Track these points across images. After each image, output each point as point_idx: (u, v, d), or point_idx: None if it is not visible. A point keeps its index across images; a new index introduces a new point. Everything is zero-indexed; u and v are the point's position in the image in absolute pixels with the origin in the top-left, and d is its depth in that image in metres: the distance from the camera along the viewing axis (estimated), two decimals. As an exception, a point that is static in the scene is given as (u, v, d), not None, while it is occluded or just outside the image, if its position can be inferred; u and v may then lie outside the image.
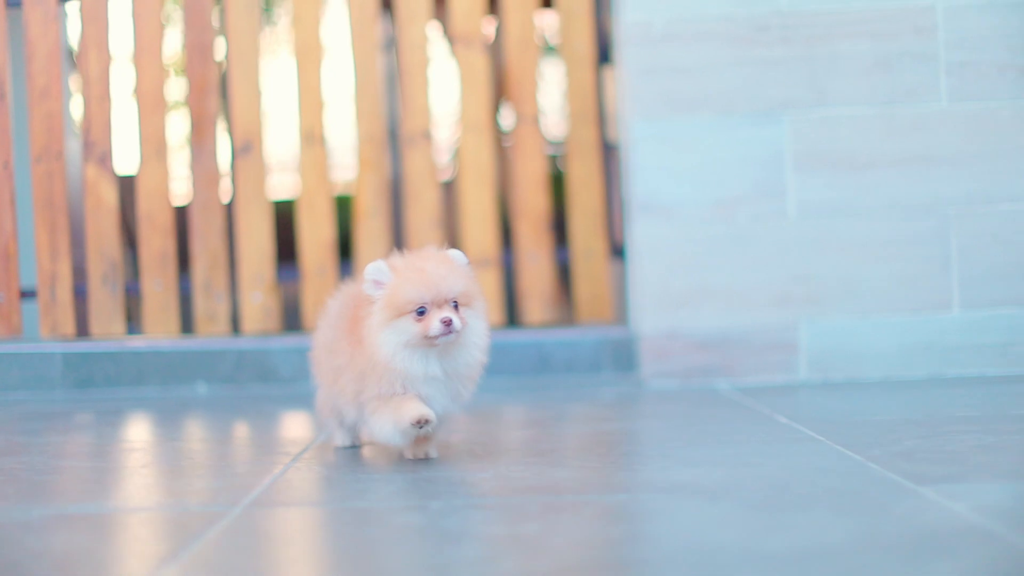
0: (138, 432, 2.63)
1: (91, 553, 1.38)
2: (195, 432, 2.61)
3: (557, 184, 4.06)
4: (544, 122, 3.61)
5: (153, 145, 3.54)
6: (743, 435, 2.21)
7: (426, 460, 1.97)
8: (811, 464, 1.84)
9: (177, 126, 3.67)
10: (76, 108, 3.57)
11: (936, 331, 3.13)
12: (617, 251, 3.61)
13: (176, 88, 3.97)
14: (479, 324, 1.92)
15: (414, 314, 1.83)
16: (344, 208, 4.13)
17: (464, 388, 1.94)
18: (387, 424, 1.89)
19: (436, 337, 1.82)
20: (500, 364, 2.98)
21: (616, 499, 1.62)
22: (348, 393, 1.97)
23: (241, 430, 2.61)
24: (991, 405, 2.52)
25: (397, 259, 1.91)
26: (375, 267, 1.88)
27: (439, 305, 1.83)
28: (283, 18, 9.09)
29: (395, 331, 1.84)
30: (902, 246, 3.14)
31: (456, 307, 1.85)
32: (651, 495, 1.65)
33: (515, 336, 3.35)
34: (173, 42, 4.22)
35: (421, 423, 1.84)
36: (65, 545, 1.43)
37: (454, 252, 1.94)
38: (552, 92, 5.43)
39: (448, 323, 1.81)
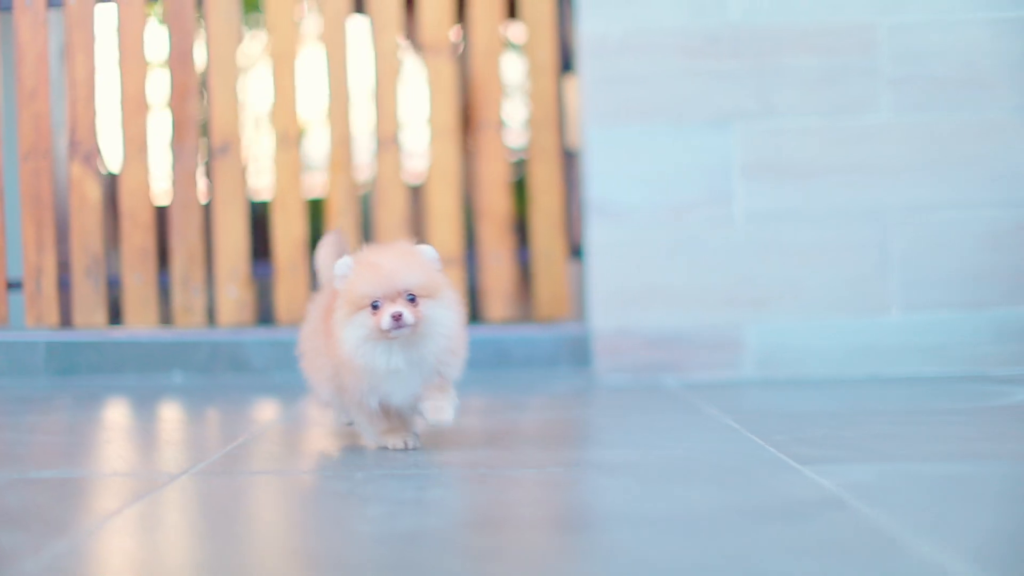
0: (111, 414, 2.79)
1: (44, 510, 1.55)
2: (165, 414, 2.77)
3: (520, 188, 4.22)
4: (507, 128, 3.77)
5: (135, 145, 3.71)
6: (670, 424, 2.37)
7: (404, 448, 2.02)
8: (715, 447, 2.00)
9: (159, 127, 3.84)
10: (62, 109, 3.73)
11: (876, 333, 3.30)
12: (576, 252, 3.77)
13: (158, 91, 4.13)
14: (443, 314, 1.92)
15: (370, 308, 1.87)
16: (316, 208, 4.29)
17: (434, 375, 1.95)
18: (368, 435, 2.03)
19: (388, 331, 1.84)
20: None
21: (527, 472, 1.78)
22: (328, 383, 2.04)
23: (209, 413, 2.77)
24: (909, 401, 2.68)
25: (361, 254, 1.94)
26: (342, 262, 1.93)
27: (392, 299, 1.85)
28: (260, 24, 9.25)
29: (354, 325, 1.88)
30: (844, 251, 3.30)
31: (413, 300, 1.87)
32: (561, 469, 1.81)
33: (477, 332, 3.50)
34: (156, 47, 4.38)
35: (407, 448, 1.99)
36: (22, 503, 1.59)
37: (422, 246, 1.96)
38: (516, 99, 5.59)
39: (398, 317, 1.83)
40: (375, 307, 1.86)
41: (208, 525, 1.48)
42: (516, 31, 4.73)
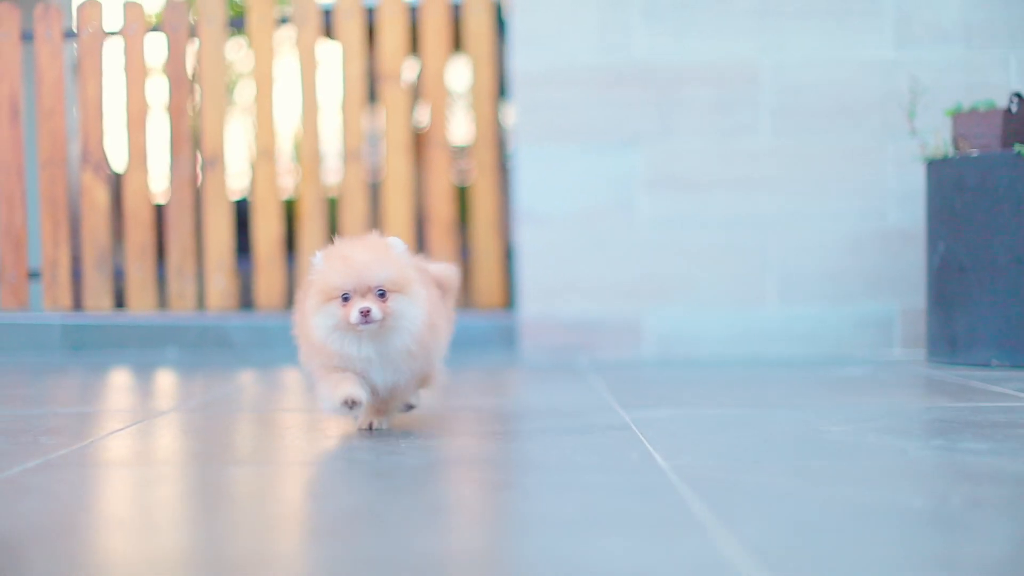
0: (116, 378, 3.44)
1: (70, 427, 2.20)
2: (159, 378, 3.42)
3: (463, 195, 4.86)
4: (452, 145, 4.42)
5: (138, 156, 4.36)
6: (553, 387, 3.01)
7: (368, 429, 2.11)
8: (571, 399, 2.65)
9: (158, 141, 4.49)
10: (76, 124, 4.38)
11: (756, 321, 3.94)
12: (509, 252, 4.41)
13: (158, 110, 4.78)
14: (411, 309, 1.96)
15: (339, 300, 1.92)
16: (291, 207, 4.93)
17: (404, 365, 2.01)
18: (325, 398, 2.01)
19: (356, 326, 1.90)
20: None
21: (411, 415, 2.43)
22: (305, 361, 2.12)
23: (196, 377, 3.42)
24: (760, 373, 3.32)
25: (333, 247, 2.01)
26: (317, 255, 2.00)
27: (362, 293, 1.91)
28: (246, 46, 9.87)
29: (325, 315, 1.94)
30: (730, 253, 3.95)
31: (383, 295, 1.92)
32: (438, 412, 2.46)
33: (424, 317, 4.17)
34: (156, 74, 5.02)
35: (349, 403, 1.95)
36: (55, 424, 2.25)
37: (392, 239, 2.01)
38: (461, 121, 6.21)
39: (366, 313, 1.89)
40: (345, 299, 1.92)
41: (190, 436, 2.13)
42: (461, 63, 5.36)
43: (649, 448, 1.89)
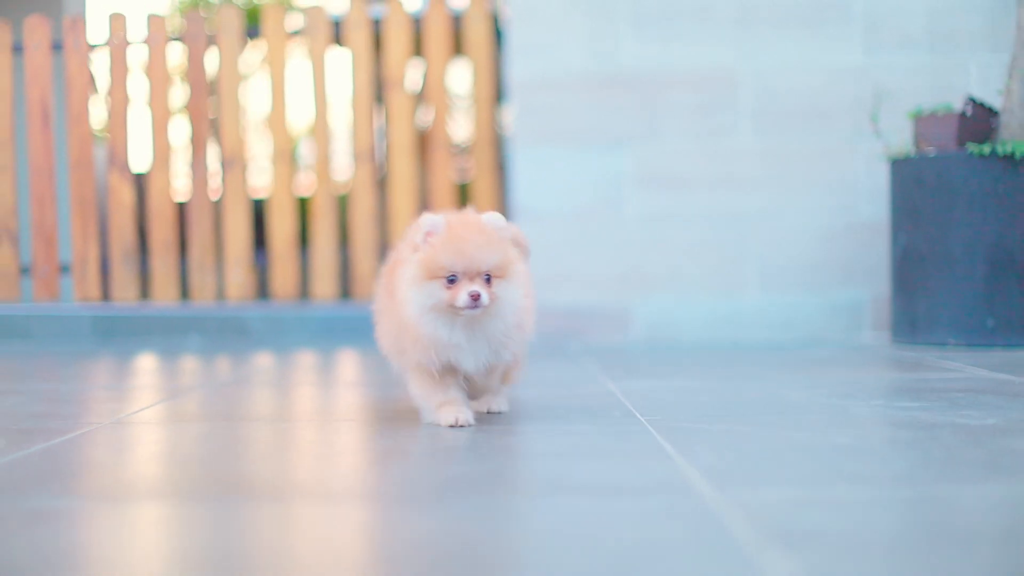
0: (143, 363, 3.75)
1: (107, 401, 2.51)
2: (184, 362, 3.73)
3: (464, 192, 5.18)
4: (453, 146, 4.74)
5: (161, 157, 4.68)
6: (551, 365, 3.33)
7: (488, 413, 2.14)
8: (566, 374, 2.97)
9: (179, 143, 4.81)
10: (103, 129, 4.70)
11: (736, 309, 4.26)
12: (510, 245, 4.73)
13: (179, 115, 5.10)
14: (511, 294, 1.90)
15: (444, 280, 1.83)
16: (304, 204, 5.25)
17: (502, 349, 1.95)
18: (424, 410, 2.02)
19: (462, 309, 1.83)
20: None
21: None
22: (386, 342, 2.06)
23: (217, 362, 3.74)
24: (739, 355, 3.63)
25: (451, 217, 1.91)
26: (431, 220, 1.88)
27: (471, 277, 1.83)
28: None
29: (424, 292, 1.85)
30: (712, 246, 4.26)
31: (489, 280, 1.85)
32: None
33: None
34: (178, 81, 5.35)
35: (457, 427, 1.94)
36: (94, 396, 2.56)
37: (492, 216, 1.93)
38: (461, 123, 6.52)
39: (476, 297, 1.81)
40: (451, 281, 1.83)
41: (214, 406, 2.45)
42: (461, 71, 5.69)
43: (630, 407, 2.21)
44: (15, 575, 1.07)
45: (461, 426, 1.94)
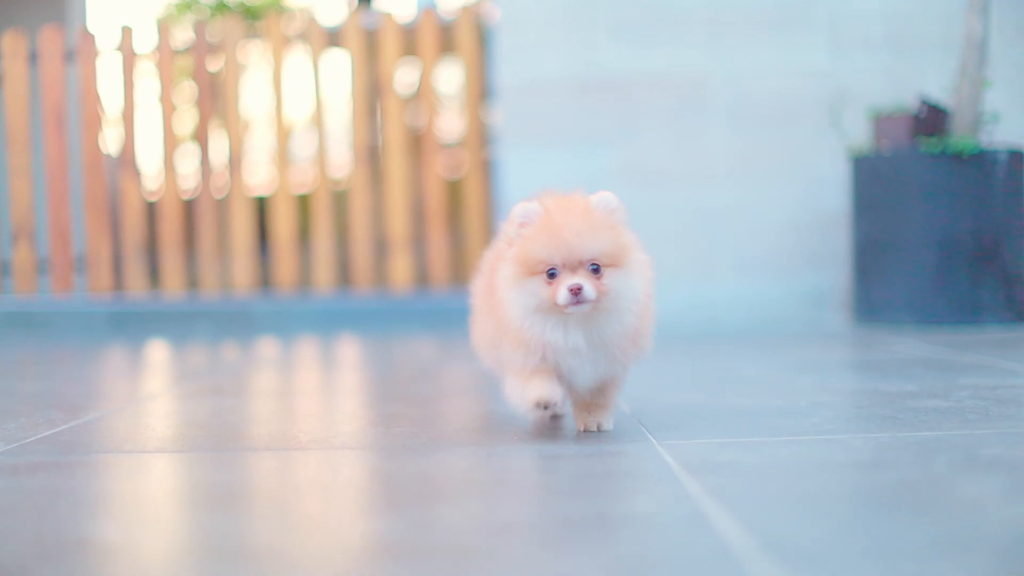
0: (153, 351, 4.04)
1: (122, 384, 2.80)
2: (191, 350, 4.02)
3: (456, 188, 5.47)
4: (444, 145, 5.03)
5: (169, 158, 4.96)
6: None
7: (595, 432, 1.79)
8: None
9: (186, 144, 5.09)
10: (115, 134, 4.99)
11: (711, 293, 4.55)
12: (499, 238, 5.02)
13: (186, 118, 5.39)
14: (629, 285, 1.65)
15: (545, 276, 1.61)
16: (304, 201, 5.53)
17: (621, 353, 1.69)
18: (514, 396, 1.72)
19: (565, 307, 1.59)
20: (411, 316, 4.42)
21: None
22: (483, 345, 1.86)
23: (224, 349, 4.02)
24: (698, 336, 3.92)
25: (549, 201, 1.67)
26: (524, 208, 1.66)
27: (572, 268, 1.59)
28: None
29: (524, 292, 1.63)
30: (688, 236, 4.56)
31: (597, 270, 1.61)
32: (439, 357, 3.06)
33: (423, 295, 4.79)
34: (185, 89, 5.63)
35: (543, 405, 1.65)
36: (113, 382, 2.85)
37: (604, 196, 1.69)
38: (451, 123, 6.79)
39: (577, 291, 1.57)
40: (551, 275, 1.61)
41: (224, 386, 2.74)
42: (451, 74, 5.97)
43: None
44: (54, 505, 1.36)
45: (547, 406, 1.65)
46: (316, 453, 1.69)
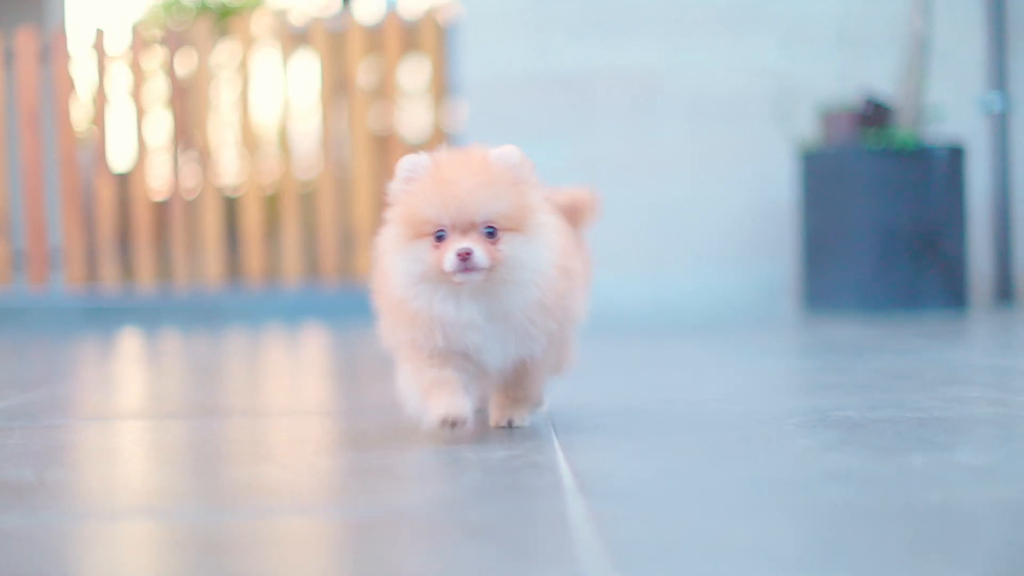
0: (126, 342, 4.17)
1: (99, 362, 2.93)
2: (160, 341, 4.15)
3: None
4: (408, 142, 5.18)
5: (141, 155, 5.09)
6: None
7: (508, 427, 1.59)
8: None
9: (158, 141, 5.21)
10: (89, 134, 5.11)
11: (663, 284, 4.72)
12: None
13: (160, 120, 5.53)
14: (532, 253, 1.42)
15: (432, 238, 1.40)
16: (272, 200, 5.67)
17: (532, 327, 1.45)
18: (411, 399, 1.48)
19: (452, 274, 1.38)
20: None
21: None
22: (383, 326, 1.55)
23: (194, 339, 4.15)
24: (653, 325, 4.08)
25: (440, 155, 1.46)
26: (411, 161, 1.45)
27: (463, 230, 1.38)
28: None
29: (408, 257, 1.42)
30: (646, 227, 4.72)
31: (493, 233, 1.40)
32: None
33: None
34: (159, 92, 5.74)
35: (449, 424, 1.42)
36: (87, 361, 2.98)
37: (506, 150, 1.45)
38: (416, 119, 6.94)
39: (465, 256, 1.36)
40: (439, 238, 1.40)
41: (190, 366, 2.88)
42: (414, 73, 6.12)
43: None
44: (30, 462, 1.50)
45: (453, 425, 1.42)
46: (281, 419, 1.83)
